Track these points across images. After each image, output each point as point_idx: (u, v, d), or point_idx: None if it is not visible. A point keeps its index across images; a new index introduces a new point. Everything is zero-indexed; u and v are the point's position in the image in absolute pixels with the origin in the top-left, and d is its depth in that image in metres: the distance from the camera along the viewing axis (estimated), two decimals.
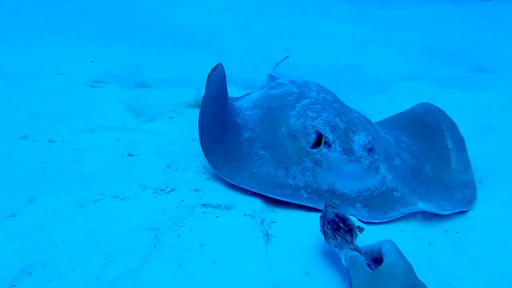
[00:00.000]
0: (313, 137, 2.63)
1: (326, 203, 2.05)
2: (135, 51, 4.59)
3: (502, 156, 3.25)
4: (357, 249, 1.83)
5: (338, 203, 2.42)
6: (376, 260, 1.76)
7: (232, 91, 3.56)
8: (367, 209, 2.40)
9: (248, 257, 1.96)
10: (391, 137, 3.20)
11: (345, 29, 7.50)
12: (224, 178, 2.47)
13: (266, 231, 2.22)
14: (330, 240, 1.92)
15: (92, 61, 3.95)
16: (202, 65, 3.46)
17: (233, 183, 2.47)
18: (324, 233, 1.95)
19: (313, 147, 2.62)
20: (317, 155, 2.56)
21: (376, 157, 2.57)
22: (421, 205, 2.42)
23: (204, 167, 2.70)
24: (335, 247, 1.89)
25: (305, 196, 2.46)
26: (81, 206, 2.10)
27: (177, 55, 4.87)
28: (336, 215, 1.99)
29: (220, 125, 2.72)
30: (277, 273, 1.90)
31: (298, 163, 2.61)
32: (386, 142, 3.04)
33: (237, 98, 3.53)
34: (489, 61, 5.97)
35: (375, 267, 1.71)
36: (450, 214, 2.42)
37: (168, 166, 2.63)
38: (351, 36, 7.12)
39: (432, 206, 2.44)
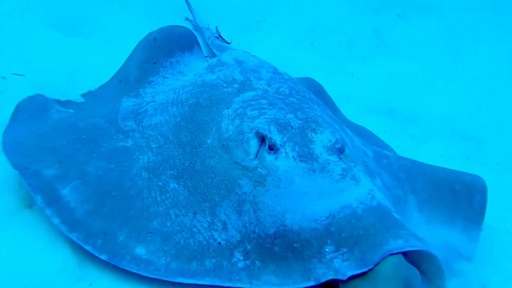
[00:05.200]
0: (253, 144, 1.76)
1: None
2: None
3: None
4: None
5: (291, 255, 1.47)
6: None
7: None
8: (345, 251, 1.45)
9: None
10: (369, 149, 2.36)
11: None
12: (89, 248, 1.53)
13: None
14: None
15: None
16: None
17: (103, 258, 1.52)
18: None
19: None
20: (259, 170, 1.67)
21: (352, 164, 1.75)
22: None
23: None
24: None
25: (240, 265, 1.48)
26: None
27: None
28: None
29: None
30: None
31: (231, 193, 1.66)
32: (363, 153, 2.16)
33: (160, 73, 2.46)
34: None
35: None
36: None
37: None
38: None
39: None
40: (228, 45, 4.00)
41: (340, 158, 1.70)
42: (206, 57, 3.78)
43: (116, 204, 1.64)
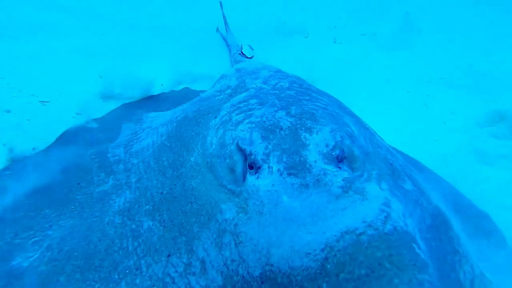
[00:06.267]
0: (237, 159, 1.45)
1: None
2: None
3: None
4: None
5: None
6: None
7: None
8: None
9: None
10: (399, 153, 2.01)
11: None
12: None
13: None
14: None
15: None
16: None
17: None
18: None
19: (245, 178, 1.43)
20: (243, 194, 1.37)
21: (358, 173, 1.40)
22: None
23: None
24: None
25: None
26: None
27: None
28: None
29: None
30: None
31: (212, 220, 1.38)
32: (387, 151, 1.76)
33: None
34: None
35: None
36: None
37: None
38: None
39: None
40: (247, 59, 3.97)
41: (340, 168, 1.35)
42: None
43: (78, 268, 1.44)
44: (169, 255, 1.39)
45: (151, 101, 3.00)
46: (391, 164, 1.60)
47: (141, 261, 1.42)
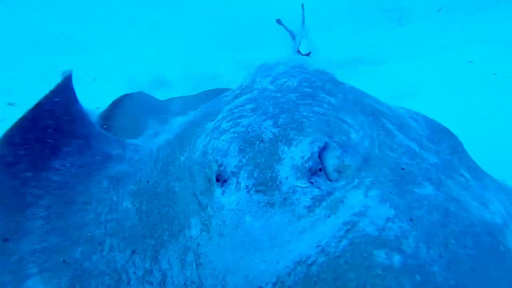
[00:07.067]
0: (216, 170, 1.38)
1: None
2: None
3: None
4: None
5: None
6: None
7: None
8: None
9: None
10: (445, 149, 1.74)
11: None
12: None
13: None
14: None
15: None
16: None
17: None
18: None
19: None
20: (209, 209, 1.32)
21: (344, 182, 1.35)
22: None
23: None
24: None
25: None
26: None
27: None
28: None
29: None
30: None
31: (181, 233, 1.32)
32: (403, 154, 1.54)
33: None
34: None
35: None
36: None
37: None
38: None
39: None
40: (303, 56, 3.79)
41: (312, 183, 1.28)
42: None
43: (59, 209, 1.43)
44: (133, 252, 1.33)
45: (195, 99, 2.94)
46: (403, 169, 1.45)
47: (106, 238, 1.38)
